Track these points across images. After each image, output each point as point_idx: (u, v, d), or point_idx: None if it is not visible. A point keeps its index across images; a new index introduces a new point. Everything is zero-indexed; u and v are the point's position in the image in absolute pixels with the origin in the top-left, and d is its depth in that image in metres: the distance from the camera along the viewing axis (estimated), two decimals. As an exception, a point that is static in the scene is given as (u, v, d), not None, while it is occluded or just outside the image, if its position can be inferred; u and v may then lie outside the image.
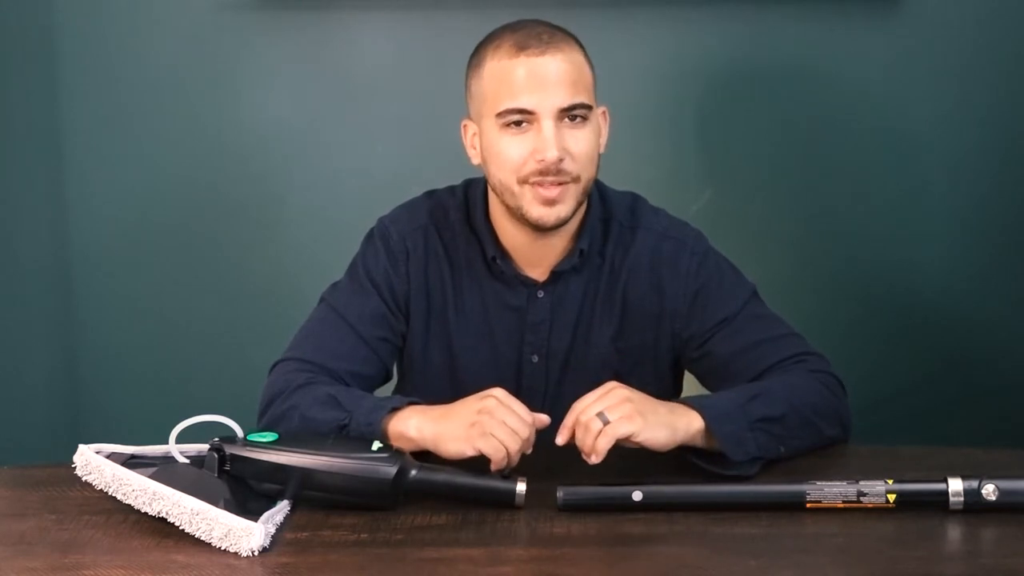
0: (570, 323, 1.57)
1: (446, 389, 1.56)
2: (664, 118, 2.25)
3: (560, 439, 1.34)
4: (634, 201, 1.62)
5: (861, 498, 1.25)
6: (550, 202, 1.46)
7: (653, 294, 1.56)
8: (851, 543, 1.21)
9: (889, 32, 2.19)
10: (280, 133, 2.28)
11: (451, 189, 1.63)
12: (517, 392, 1.55)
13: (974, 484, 1.24)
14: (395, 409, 1.38)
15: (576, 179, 1.47)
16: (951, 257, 2.26)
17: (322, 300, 1.59)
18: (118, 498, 1.27)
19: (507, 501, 1.29)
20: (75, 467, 1.31)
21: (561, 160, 1.44)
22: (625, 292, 1.57)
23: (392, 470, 1.28)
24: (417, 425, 1.36)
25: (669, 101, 2.24)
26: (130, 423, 2.34)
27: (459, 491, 1.30)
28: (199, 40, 2.25)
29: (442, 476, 1.31)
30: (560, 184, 1.46)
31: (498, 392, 1.35)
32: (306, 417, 1.41)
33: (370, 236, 1.61)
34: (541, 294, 1.56)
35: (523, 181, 1.46)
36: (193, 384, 2.33)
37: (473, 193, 1.59)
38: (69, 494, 1.35)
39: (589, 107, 1.47)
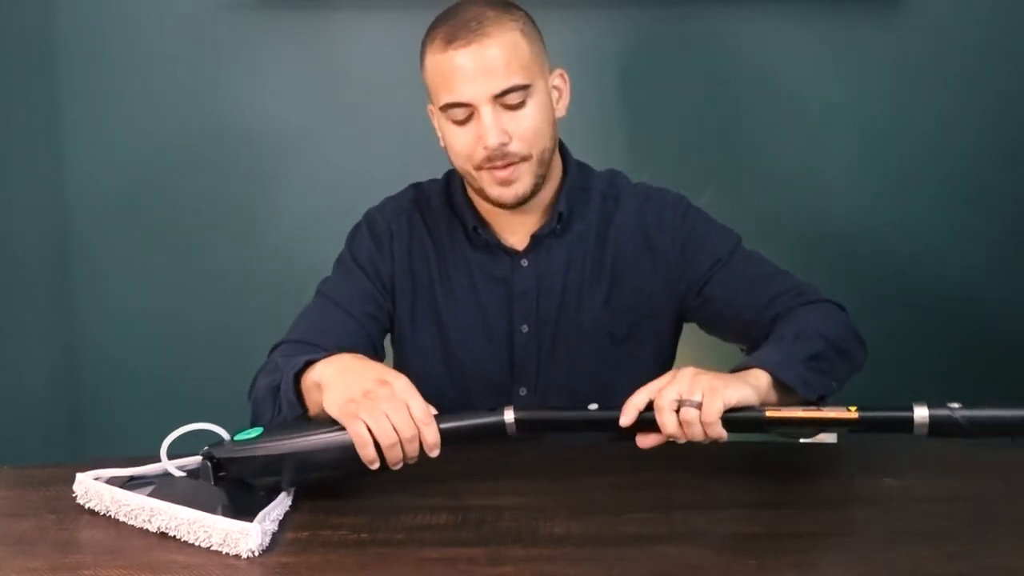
0: (557, 290, 1.58)
1: (439, 367, 1.60)
2: (664, 117, 2.25)
3: (625, 420, 1.27)
4: (614, 175, 1.65)
5: (821, 407, 1.28)
6: (505, 182, 1.49)
7: (644, 253, 1.58)
8: (851, 543, 1.21)
9: (889, 32, 2.19)
10: (280, 133, 2.28)
11: (435, 179, 1.66)
12: (510, 364, 1.59)
13: (942, 412, 1.25)
14: (312, 362, 1.36)
15: (526, 157, 1.49)
16: (951, 256, 2.27)
17: (316, 292, 1.63)
18: (120, 519, 1.28)
19: (499, 433, 1.29)
20: (75, 496, 1.32)
21: (504, 144, 1.47)
22: (615, 257, 1.59)
23: None
24: (322, 371, 1.33)
25: (669, 100, 2.24)
26: (130, 422, 2.35)
27: (449, 437, 1.28)
28: (199, 40, 2.25)
29: None
30: (510, 165, 1.48)
31: (400, 382, 1.27)
32: (258, 388, 1.45)
33: (356, 227, 1.66)
34: (525, 262, 1.58)
35: (477, 168, 1.50)
36: (193, 382, 2.33)
37: (453, 176, 1.63)
38: (69, 494, 1.35)
39: (525, 86, 1.47)
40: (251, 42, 2.25)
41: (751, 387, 1.29)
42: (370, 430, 1.24)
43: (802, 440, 1.60)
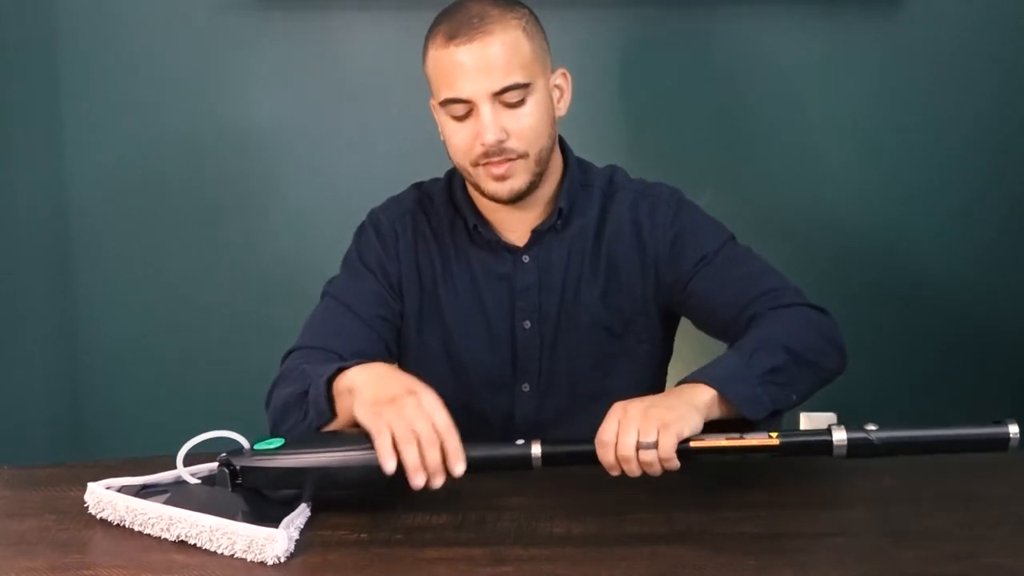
0: (557, 286, 1.59)
1: (443, 365, 1.60)
2: (664, 116, 2.25)
3: (615, 474, 1.28)
4: (613, 171, 1.65)
5: (744, 435, 1.28)
6: (500, 178, 1.50)
7: (635, 249, 1.59)
8: (851, 543, 1.21)
9: (889, 32, 2.19)
10: (280, 133, 2.28)
11: (437, 178, 1.67)
12: (512, 360, 1.59)
13: (859, 434, 1.27)
14: (343, 369, 1.36)
15: (523, 155, 1.50)
16: (950, 256, 2.27)
17: (323, 294, 1.63)
18: (135, 529, 1.27)
19: (524, 465, 1.29)
20: (87, 505, 1.31)
21: (501, 141, 1.47)
22: (609, 252, 1.59)
23: None
24: (355, 376, 1.33)
25: (669, 100, 2.24)
26: (132, 422, 2.35)
27: (473, 463, 1.28)
28: (199, 40, 2.25)
29: None
30: (507, 161, 1.49)
31: (427, 396, 1.27)
32: (281, 395, 1.44)
33: (361, 227, 1.65)
34: (526, 259, 1.59)
35: (475, 164, 1.50)
36: (195, 382, 2.33)
37: (455, 175, 1.63)
38: (69, 494, 1.35)
39: (525, 85, 1.48)
40: (251, 41, 2.25)
41: (698, 412, 1.29)
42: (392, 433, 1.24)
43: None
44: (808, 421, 2.21)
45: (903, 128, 2.23)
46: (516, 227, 1.59)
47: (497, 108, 1.47)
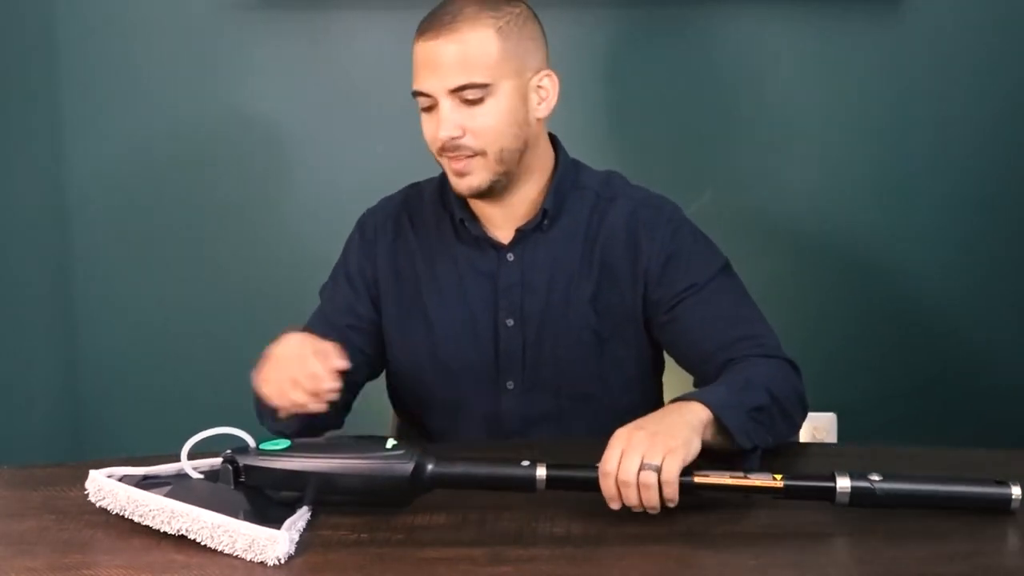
0: (543, 285, 1.58)
1: (427, 362, 1.61)
2: (665, 117, 2.25)
3: (615, 507, 1.26)
4: (611, 175, 1.65)
5: (748, 475, 1.27)
6: (459, 173, 1.52)
7: (629, 256, 1.58)
8: (851, 543, 1.21)
9: (889, 32, 2.19)
10: (280, 133, 2.28)
11: (433, 177, 1.67)
12: (496, 357, 1.59)
13: (862, 483, 1.25)
14: None
15: (480, 152, 1.50)
16: (950, 257, 2.27)
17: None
18: (135, 520, 1.26)
19: (527, 487, 1.28)
20: (87, 493, 1.31)
21: (455, 138, 1.49)
22: (603, 256, 1.59)
23: (409, 467, 1.27)
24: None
25: (669, 100, 2.25)
26: (131, 422, 2.35)
27: (478, 481, 1.28)
28: (199, 40, 2.25)
29: (459, 468, 1.30)
30: (464, 158, 1.51)
31: (292, 342, 1.39)
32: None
33: (353, 230, 1.68)
34: (511, 257, 1.59)
35: (439, 155, 1.53)
36: (193, 382, 2.34)
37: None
38: (69, 494, 1.35)
39: (484, 85, 1.48)
40: (251, 42, 2.25)
41: (697, 433, 1.29)
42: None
43: (802, 440, 1.61)
44: (810, 421, 2.22)
45: (903, 128, 2.23)
46: (502, 224, 1.59)
47: (456, 104, 1.48)
